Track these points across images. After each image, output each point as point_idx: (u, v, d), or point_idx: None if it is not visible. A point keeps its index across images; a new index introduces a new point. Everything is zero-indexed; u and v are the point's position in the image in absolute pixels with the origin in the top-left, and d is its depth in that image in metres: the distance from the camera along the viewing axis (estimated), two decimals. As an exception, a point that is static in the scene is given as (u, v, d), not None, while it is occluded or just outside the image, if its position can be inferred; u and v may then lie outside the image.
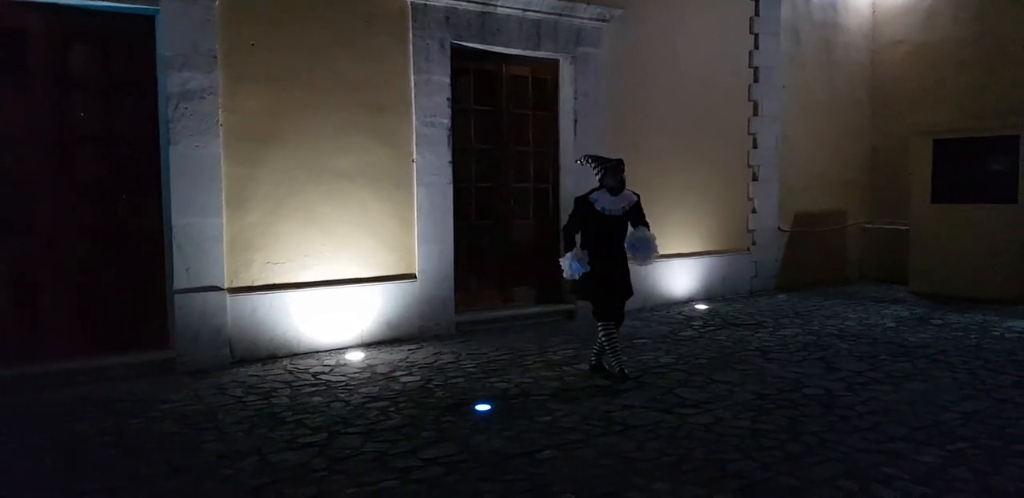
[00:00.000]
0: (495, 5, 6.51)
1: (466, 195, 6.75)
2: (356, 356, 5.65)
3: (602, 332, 4.92)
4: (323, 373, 5.18)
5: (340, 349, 5.84)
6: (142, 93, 5.23)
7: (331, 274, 5.87)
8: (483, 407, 4.37)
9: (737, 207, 8.59)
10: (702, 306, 7.84)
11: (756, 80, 8.61)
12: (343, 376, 5.09)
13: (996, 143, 7.97)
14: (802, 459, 3.52)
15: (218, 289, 5.33)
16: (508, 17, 6.64)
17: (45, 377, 4.78)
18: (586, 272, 4.76)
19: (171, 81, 5.14)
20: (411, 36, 6.13)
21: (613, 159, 4.88)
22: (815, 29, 9.40)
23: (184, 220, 5.21)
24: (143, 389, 4.76)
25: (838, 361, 5.42)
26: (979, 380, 4.88)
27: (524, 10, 6.69)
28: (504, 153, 7.01)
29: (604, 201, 4.82)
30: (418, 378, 5.02)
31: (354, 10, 5.88)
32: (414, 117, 6.18)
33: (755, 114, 8.63)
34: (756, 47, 8.60)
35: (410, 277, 6.24)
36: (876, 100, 9.95)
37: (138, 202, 5.27)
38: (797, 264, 9.23)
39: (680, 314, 7.39)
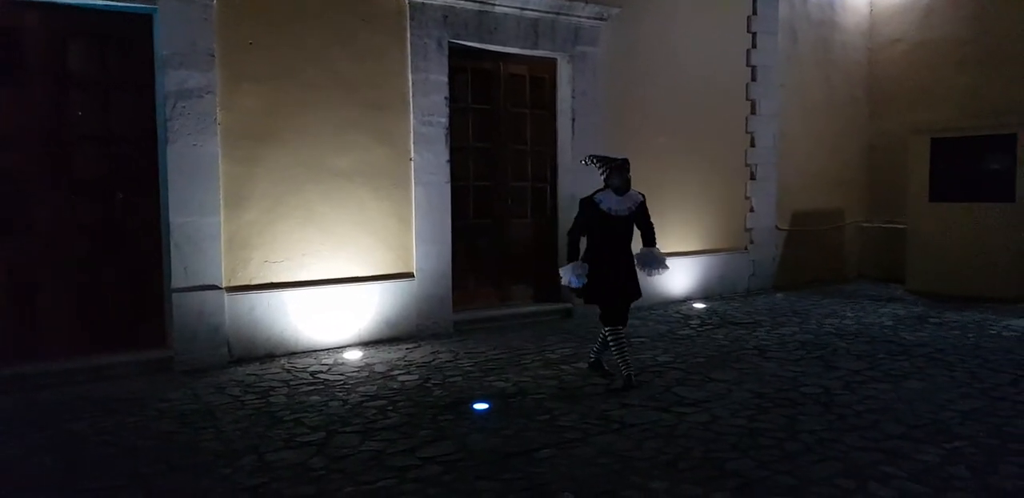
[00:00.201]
0: (493, 4, 6.51)
1: (464, 194, 6.75)
2: (354, 355, 5.65)
3: (611, 337, 4.76)
4: (321, 372, 5.18)
5: (338, 348, 5.84)
6: (140, 92, 5.22)
7: (329, 273, 5.87)
8: (481, 406, 4.37)
9: (735, 206, 8.59)
10: (700, 305, 7.85)
11: (754, 79, 8.61)
12: (341, 375, 5.09)
13: (994, 142, 7.98)
14: (800, 458, 3.53)
15: (216, 288, 5.32)
16: (506, 16, 6.64)
17: (43, 376, 4.78)
18: (592, 274, 4.68)
19: (169, 80, 5.13)
20: (409, 35, 6.13)
21: (618, 159, 4.76)
22: (813, 28, 9.40)
23: (182, 219, 5.21)
24: (141, 388, 4.76)
25: (836, 360, 5.43)
26: (977, 379, 4.89)
27: (522, 9, 6.69)
28: (502, 152, 7.01)
29: (609, 201, 4.70)
30: (416, 377, 5.02)
31: (352, 9, 5.87)
32: (412, 116, 6.18)
33: (753, 113, 8.64)
34: (754, 46, 8.60)
35: (408, 276, 6.24)
36: (874, 99, 9.96)
37: (136, 201, 5.27)
38: (795, 263, 9.24)
39: (678, 313, 7.39)
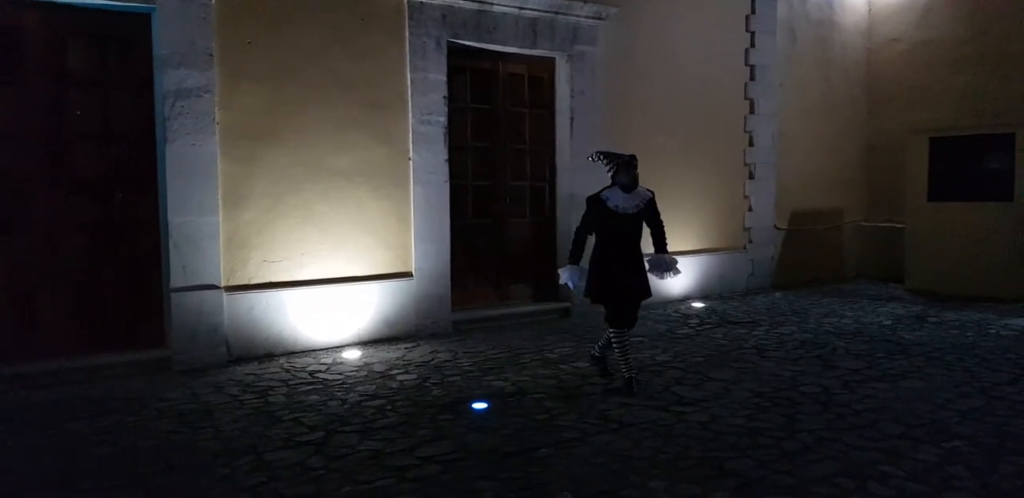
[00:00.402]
0: (491, 3, 6.50)
1: (463, 193, 6.74)
2: (353, 354, 5.65)
3: (614, 339, 4.66)
4: (320, 371, 5.18)
5: (337, 347, 5.84)
6: (139, 91, 5.21)
7: (328, 272, 5.86)
8: (480, 405, 4.37)
9: (734, 205, 8.59)
10: (699, 304, 7.85)
11: (752, 78, 8.61)
12: (340, 374, 5.09)
13: (992, 141, 7.99)
14: (799, 457, 3.53)
15: (215, 287, 5.32)
16: (504, 15, 6.63)
17: (42, 375, 4.77)
18: (598, 273, 4.61)
19: (167, 79, 5.12)
20: (407, 34, 6.12)
21: (625, 155, 4.65)
22: (811, 27, 9.40)
23: (180, 218, 5.20)
24: (140, 387, 4.75)
25: (835, 359, 5.43)
26: (975, 378, 4.89)
27: (520, 8, 6.68)
28: (501, 151, 7.01)
29: (616, 199, 4.59)
30: (415, 376, 5.02)
31: (351, 8, 5.86)
32: (411, 115, 6.17)
33: (751, 112, 8.64)
34: (752, 45, 8.60)
35: (407, 275, 6.23)
36: (872, 98, 9.96)
37: (135, 200, 5.26)
38: (794, 262, 9.24)
39: (677, 312, 7.40)
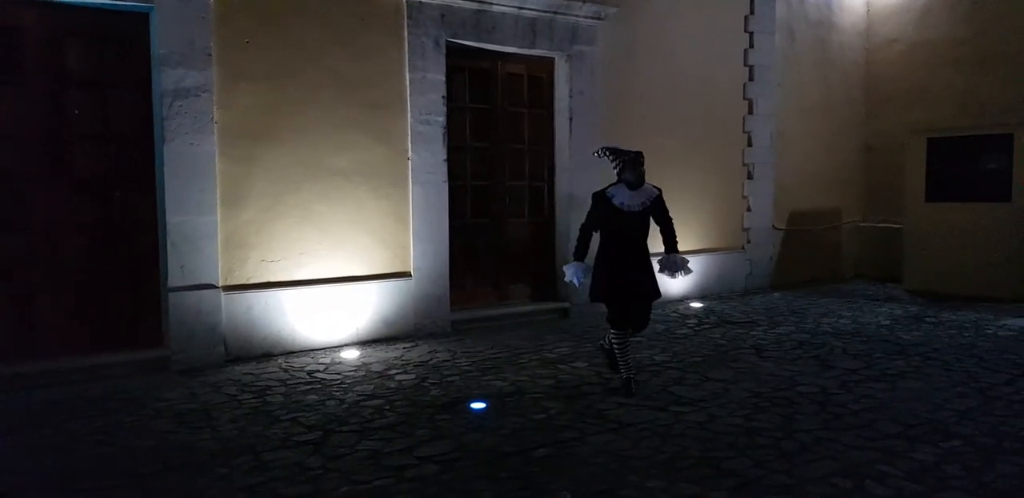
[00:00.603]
0: (490, 3, 6.50)
1: (461, 193, 6.74)
2: (351, 354, 5.65)
3: (615, 340, 4.61)
4: (318, 371, 5.18)
5: (335, 347, 5.83)
6: (137, 90, 5.20)
7: (326, 272, 5.86)
8: (478, 405, 4.37)
9: (732, 205, 8.60)
10: (697, 304, 7.86)
11: (751, 78, 8.62)
12: (338, 374, 5.08)
13: (990, 141, 7.99)
14: (796, 457, 3.53)
15: (213, 287, 5.32)
16: (503, 15, 6.63)
17: (40, 375, 4.77)
18: (601, 272, 4.55)
19: (166, 78, 5.12)
20: (406, 34, 6.12)
21: (632, 152, 4.53)
22: (810, 27, 9.41)
23: (179, 218, 5.19)
24: (138, 387, 4.75)
25: (832, 359, 5.44)
26: (973, 378, 4.90)
27: (519, 8, 6.68)
28: (499, 151, 7.01)
29: (622, 196, 4.50)
30: (413, 376, 5.02)
31: (349, 8, 5.86)
32: (409, 115, 6.17)
33: (750, 112, 8.64)
34: (751, 45, 8.60)
35: (405, 275, 6.23)
36: (871, 99, 9.97)
37: (133, 200, 5.25)
38: (792, 262, 9.25)
39: (675, 312, 7.40)
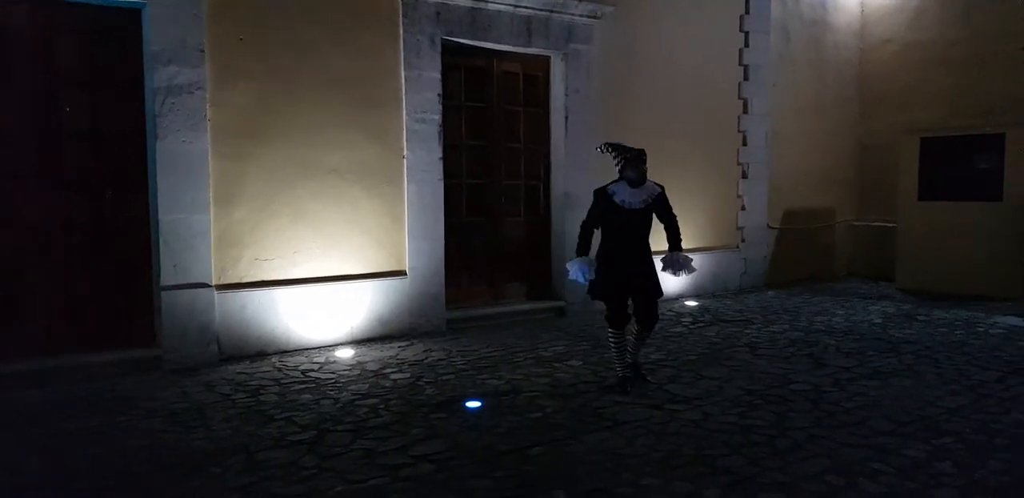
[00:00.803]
0: (486, 1, 6.49)
1: (457, 192, 6.73)
2: (346, 353, 5.64)
3: (612, 339, 4.63)
4: (312, 370, 5.16)
5: (330, 346, 5.82)
6: (129, 88, 5.18)
7: (321, 271, 5.85)
8: (473, 404, 4.37)
9: (727, 204, 8.62)
10: (692, 303, 7.87)
11: (746, 78, 8.63)
12: (332, 373, 5.08)
13: (982, 141, 8.04)
14: (790, 454, 3.54)
15: (206, 286, 5.30)
16: (499, 13, 6.63)
17: (32, 375, 4.74)
18: (600, 270, 4.52)
19: (158, 76, 5.10)
20: (401, 32, 6.11)
21: (634, 149, 4.49)
22: (805, 27, 9.43)
23: (171, 216, 5.17)
24: (130, 387, 4.73)
25: (826, 357, 5.46)
26: (964, 376, 4.92)
27: (515, 6, 6.68)
28: (495, 150, 7.00)
29: (623, 193, 4.47)
30: (408, 375, 5.02)
31: (344, 5, 5.84)
32: (405, 113, 6.16)
33: (745, 112, 8.65)
34: (746, 45, 8.61)
35: (400, 274, 6.22)
36: (865, 98, 10.00)
37: (125, 198, 5.22)
38: (786, 261, 9.28)
39: (670, 310, 7.41)
